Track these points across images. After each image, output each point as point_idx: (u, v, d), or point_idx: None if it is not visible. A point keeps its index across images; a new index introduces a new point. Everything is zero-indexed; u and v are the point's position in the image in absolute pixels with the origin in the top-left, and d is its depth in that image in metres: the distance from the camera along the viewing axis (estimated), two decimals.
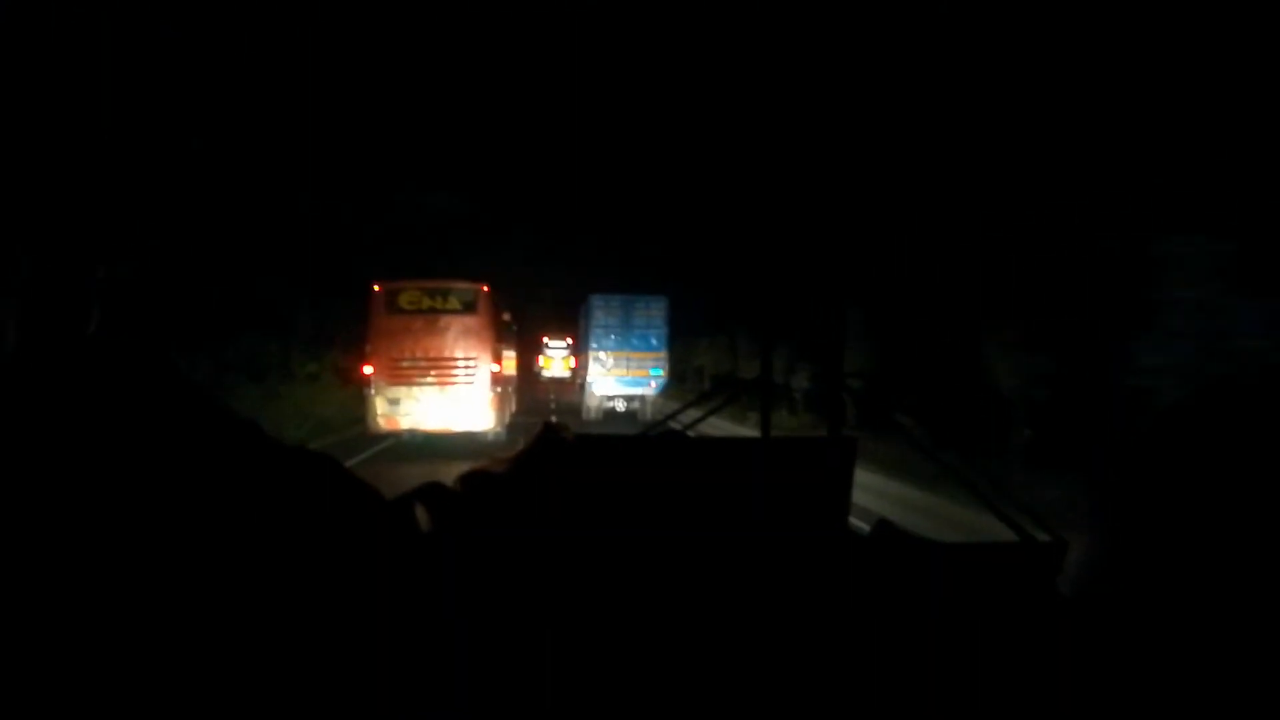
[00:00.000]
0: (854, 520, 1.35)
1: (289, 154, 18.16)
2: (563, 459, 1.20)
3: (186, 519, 0.84)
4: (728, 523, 1.24)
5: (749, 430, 12.62)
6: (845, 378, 1.82)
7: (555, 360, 44.18)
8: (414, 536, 1.11)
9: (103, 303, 0.93)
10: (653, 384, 25.42)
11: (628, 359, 24.98)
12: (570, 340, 46.59)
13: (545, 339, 44.46)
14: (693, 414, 1.99)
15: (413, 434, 14.98)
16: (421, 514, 1.14)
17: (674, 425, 1.57)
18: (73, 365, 0.91)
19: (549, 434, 1.22)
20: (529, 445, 1.21)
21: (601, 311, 25.36)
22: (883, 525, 1.26)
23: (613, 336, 24.92)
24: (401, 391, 14.97)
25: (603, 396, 25.11)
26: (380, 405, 15.06)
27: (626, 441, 1.42)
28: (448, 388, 15.10)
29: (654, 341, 25.16)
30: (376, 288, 15.52)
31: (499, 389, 15.93)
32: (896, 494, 10.31)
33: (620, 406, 25.35)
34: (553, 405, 29.36)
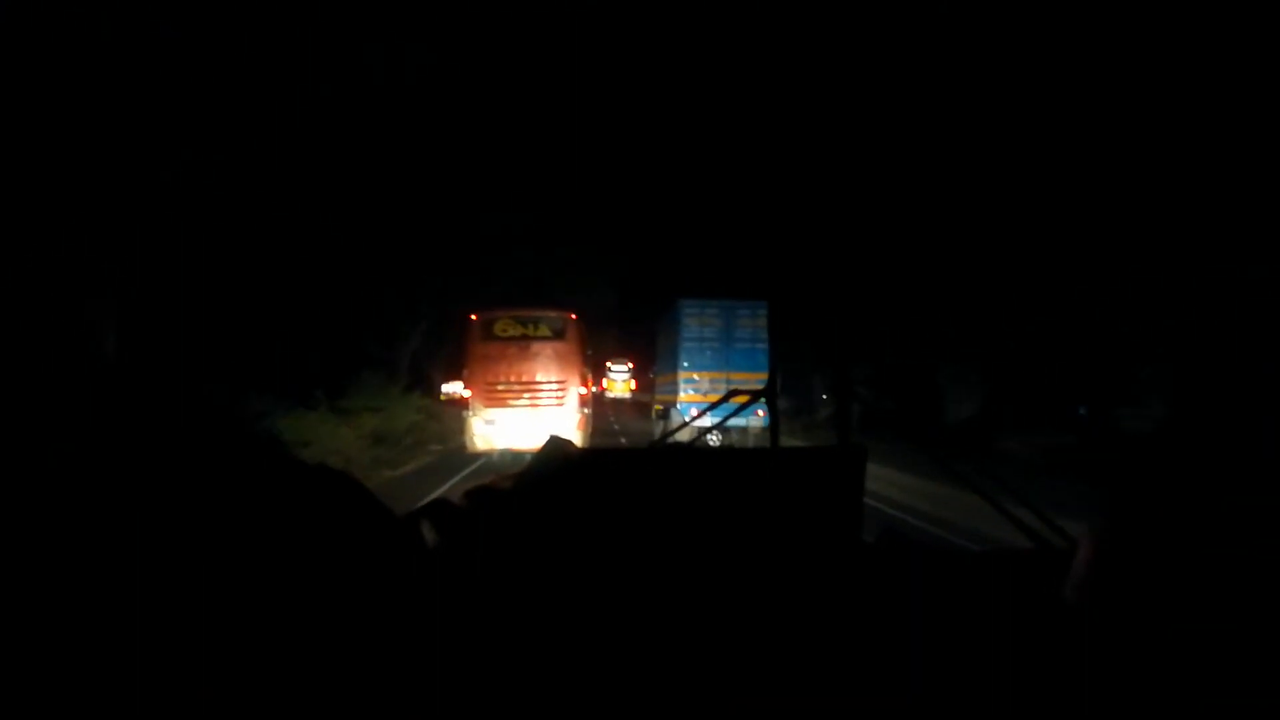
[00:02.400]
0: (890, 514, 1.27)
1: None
2: (569, 474, 1.15)
3: (208, 528, 0.82)
4: (737, 534, 1.18)
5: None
6: (855, 385, 1.73)
7: (618, 382, 44.39)
8: (419, 551, 1.08)
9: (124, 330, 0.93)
10: (760, 413, 17.30)
11: (727, 380, 18.17)
12: (631, 364, 45.94)
13: (609, 363, 44.61)
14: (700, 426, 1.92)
15: (504, 453, 15.16)
16: (428, 529, 1.10)
17: (679, 439, 1.51)
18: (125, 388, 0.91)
19: (554, 448, 1.17)
20: (535, 460, 1.16)
21: (695, 320, 18.97)
22: (889, 533, 1.18)
23: (708, 352, 18.72)
24: (497, 413, 15.22)
25: (697, 428, 19.03)
26: (477, 426, 15.36)
27: (631, 455, 1.36)
28: (539, 409, 15.29)
29: (759, 358, 18.43)
30: (473, 316, 15.92)
31: (585, 409, 16.10)
32: (923, 489, 10.28)
33: (714, 440, 17.78)
34: (615, 427, 27.45)
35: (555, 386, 15.44)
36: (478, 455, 15.65)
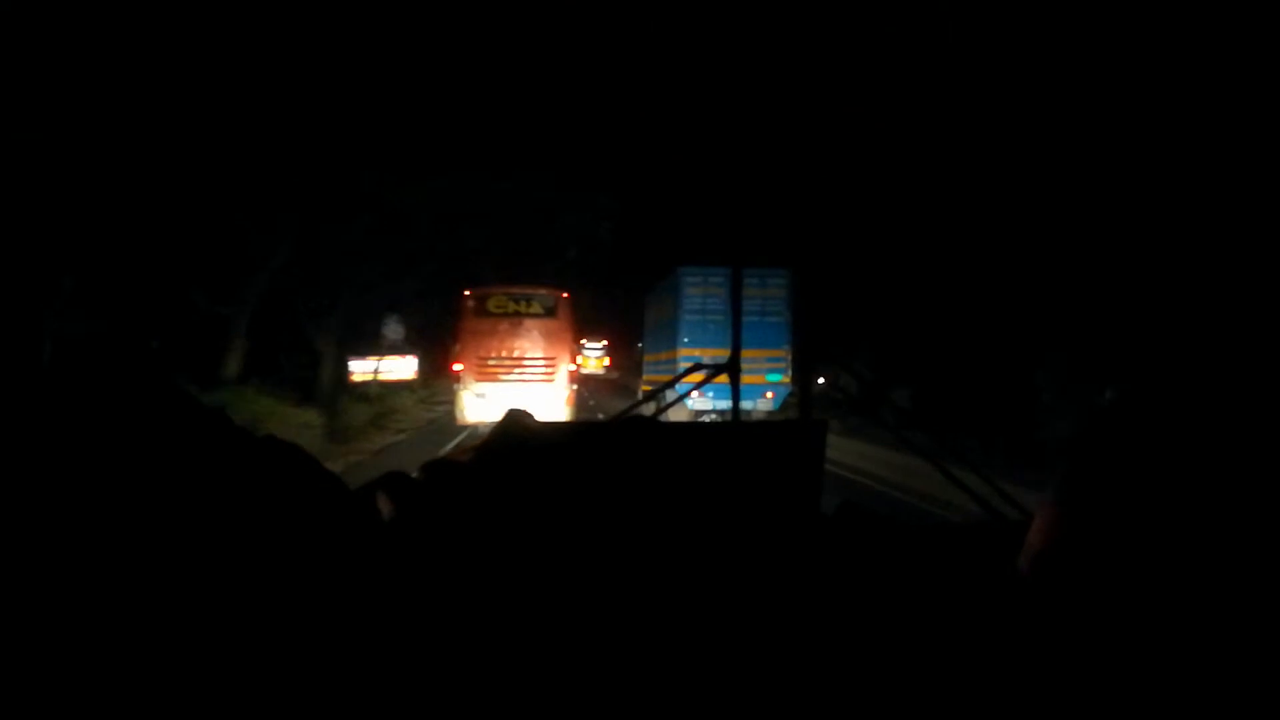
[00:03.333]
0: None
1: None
2: (528, 446, 1.12)
3: (154, 503, 0.79)
4: (696, 507, 1.14)
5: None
6: (820, 361, 1.70)
7: (591, 359, 44.72)
8: (375, 525, 1.05)
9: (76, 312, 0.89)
10: (769, 394, 16.09)
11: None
12: (606, 341, 44.99)
13: (582, 339, 44.62)
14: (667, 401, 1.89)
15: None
16: (384, 503, 1.07)
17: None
18: (73, 371, 0.87)
19: (512, 421, 1.13)
20: (492, 434, 1.12)
21: (697, 291, 16.17)
22: (846, 506, 1.15)
23: (712, 327, 15.79)
24: (488, 387, 15.30)
25: (693, 412, 14.94)
26: (468, 399, 15.39)
27: (591, 428, 1.32)
28: (530, 384, 15.37)
29: (773, 334, 15.73)
30: (466, 293, 15.94)
31: (574, 385, 16.24)
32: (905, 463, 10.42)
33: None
34: (592, 404, 25.49)
35: (546, 362, 15.50)
36: (464, 426, 15.69)
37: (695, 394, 11.12)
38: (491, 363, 15.42)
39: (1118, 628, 0.59)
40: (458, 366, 15.73)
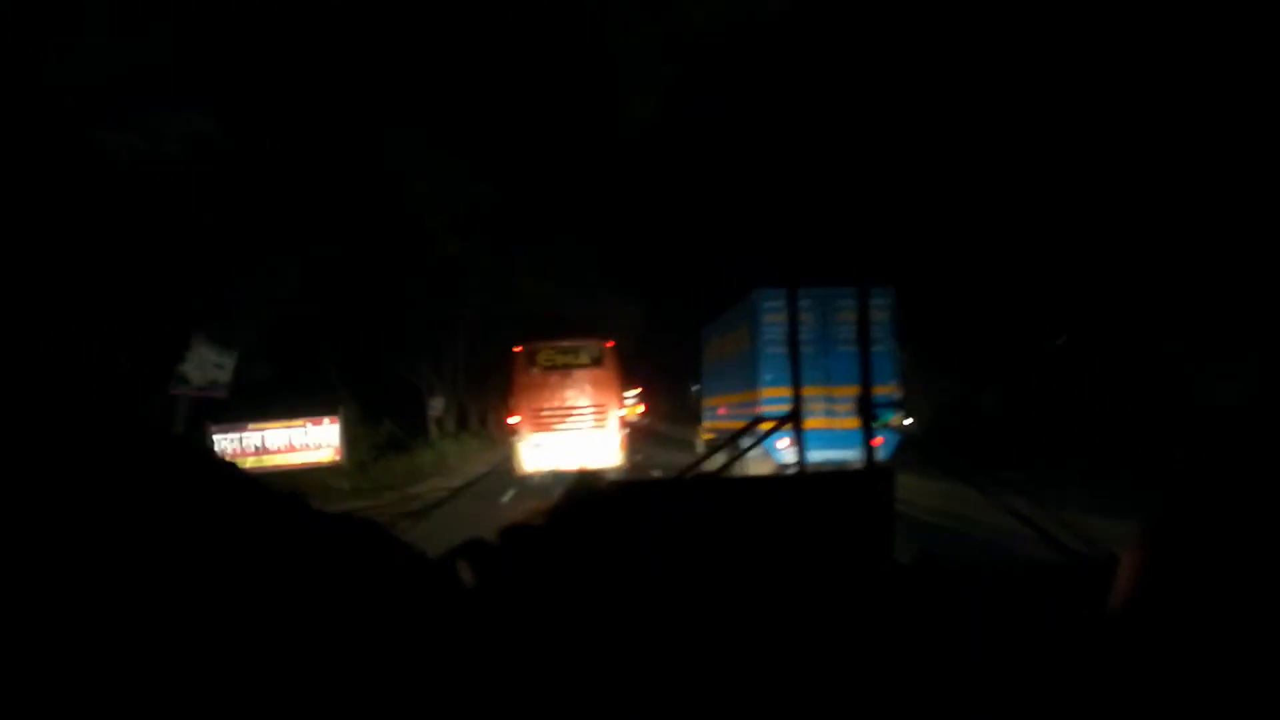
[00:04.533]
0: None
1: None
2: (599, 509, 1.09)
3: (234, 594, 0.77)
4: (769, 561, 1.11)
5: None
6: (881, 406, 1.65)
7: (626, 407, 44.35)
8: (458, 592, 1.03)
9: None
10: (878, 441, 10.03)
11: (829, 398, 11.75)
12: (639, 389, 43.76)
13: None
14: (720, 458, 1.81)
15: (555, 475, 15.17)
16: (465, 570, 1.05)
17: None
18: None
19: (583, 484, 1.11)
20: (564, 496, 1.10)
21: (777, 317, 12.85)
22: (925, 556, 1.10)
23: (801, 361, 11.76)
24: (544, 438, 15.40)
25: (779, 466, 11.47)
26: (526, 450, 15.55)
27: (659, 486, 1.29)
28: (584, 432, 15.40)
29: (877, 367, 11.40)
30: (517, 349, 16.18)
31: (624, 431, 16.21)
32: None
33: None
34: (638, 457, 21.83)
35: (596, 410, 15.57)
36: (517, 477, 15.83)
37: (783, 443, 8.93)
38: (545, 414, 15.54)
39: (1212, 678, 0.53)
40: (513, 420, 15.89)
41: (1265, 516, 0.53)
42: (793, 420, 1.61)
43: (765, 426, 1.63)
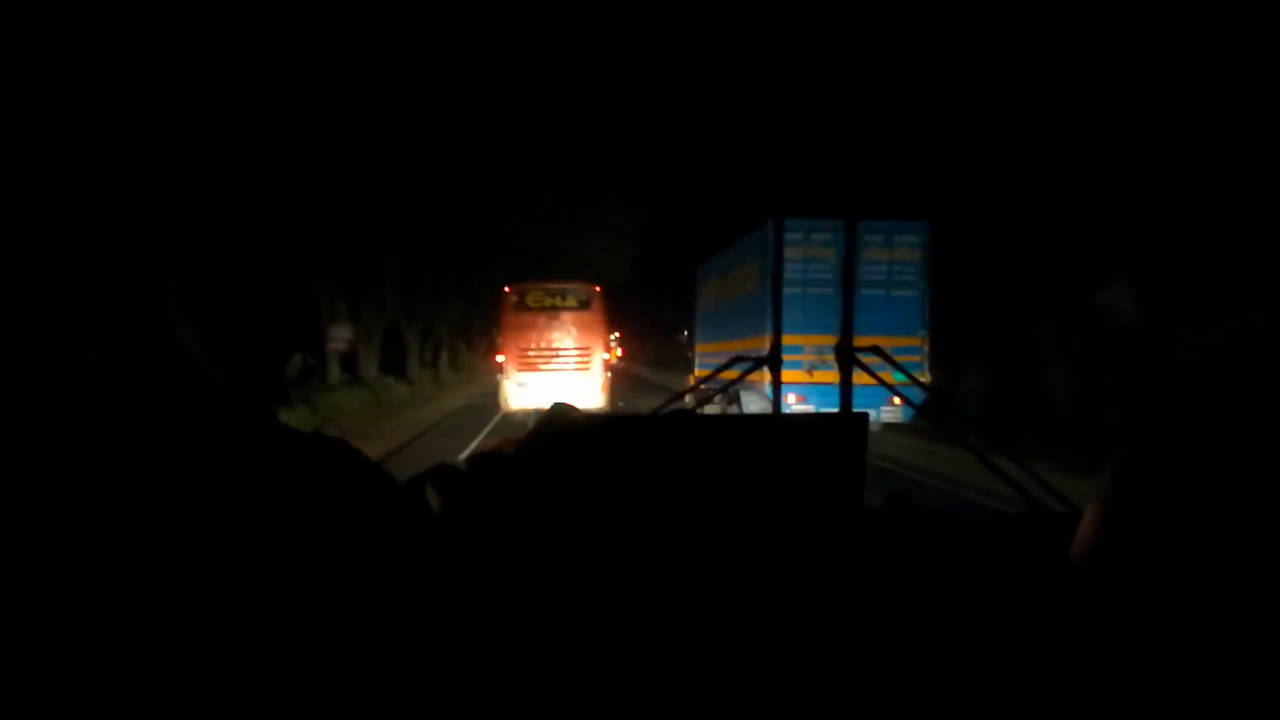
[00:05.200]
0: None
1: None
2: (572, 440, 1.06)
3: (205, 501, 0.74)
4: (740, 500, 1.08)
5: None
6: (858, 351, 1.61)
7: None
8: (425, 517, 1.00)
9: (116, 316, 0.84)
10: (897, 400, 7.29)
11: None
12: (617, 333, 42.72)
13: None
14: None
15: (538, 411, 15.24)
16: (433, 495, 1.02)
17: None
18: (116, 373, 0.82)
19: (556, 416, 1.08)
20: (537, 427, 1.07)
21: (796, 252, 10.61)
22: (894, 498, 1.08)
23: (815, 304, 10.13)
24: (529, 376, 15.49)
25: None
26: (510, 388, 15.60)
27: (635, 421, 1.26)
28: (568, 373, 15.50)
29: (904, 314, 10.62)
30: (506, 289, 16.16)
31: (608, 374, 16.29)
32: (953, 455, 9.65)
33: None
34: (621, 405, 20.59)
35: (582, 352, 15.66)
36: (495, 411, 15.99)
37: (794, 399, 8.65)
38: (531, 354, 15.63)
39: (1169, 627, 0.53)
40: (500, 358, 15.97)
41: (1217, 473, 0.52)
42: (770, 366, 1.56)
43: (730, 375, 1.58)
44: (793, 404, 9.84)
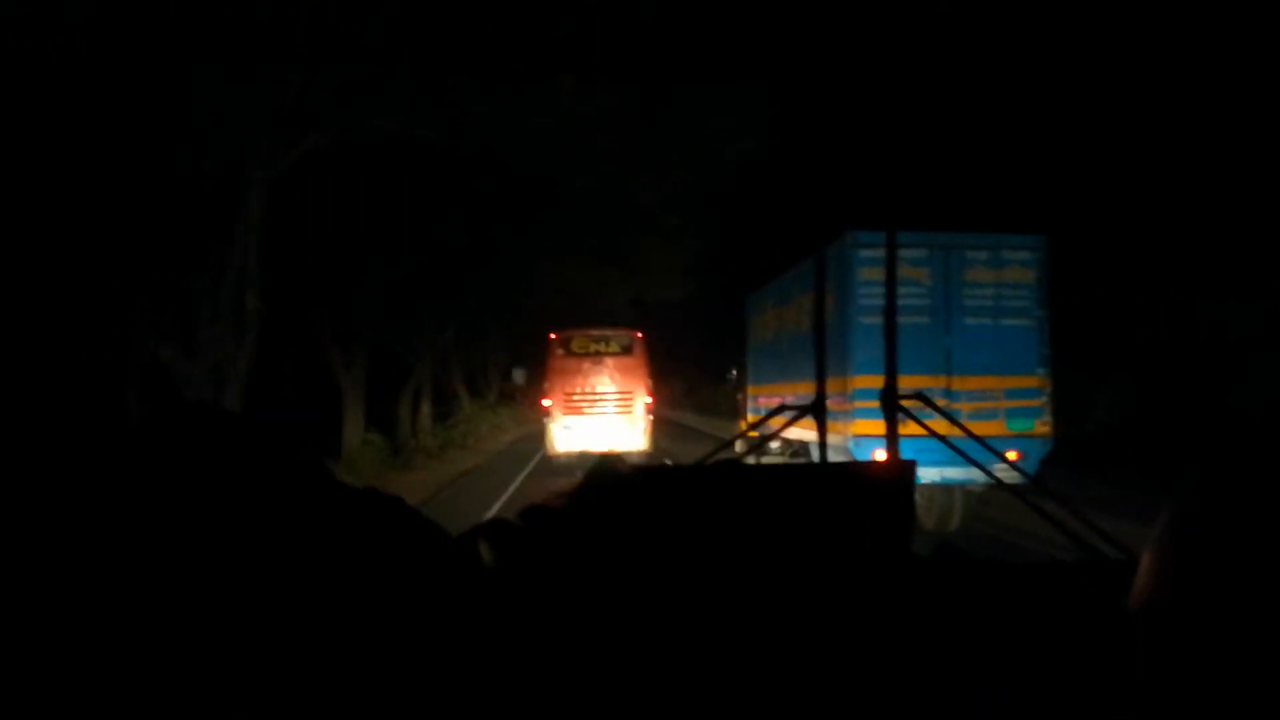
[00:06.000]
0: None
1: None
2: (620, 492, 1.05)
3: (255, 561, 0.74)
4: (790, 552, 1.06)
5: None
6: (902, 396, 1.57)
7: None
8: (478, 571, 0.99)
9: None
10: (1012, 454, 6.87)
11: (949, 391, 7.86)
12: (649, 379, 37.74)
13: None
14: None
15: (584, 455, 15.24)
16: (485, 550, 1.01)
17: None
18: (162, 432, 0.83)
19: (605, 468, 1.07)
20: (585, 479, 1.06)
21: (875, 273, 7.93)
22: (944, 549, 1.05)
23: (911, 336, 7.25)
24: (574, 420, 15.59)
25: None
26: (557, 431, 15.78)
27: (683, 472, 1.25)
28: (612, 416, 15.60)
29: (1017, 348, 8.31)
30: (552, 335, 16.40)
31: (650, 416, 16.42)
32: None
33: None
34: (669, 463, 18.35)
35: (624, 396, 15.76)
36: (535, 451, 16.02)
37: (879, 455, 5.43)
38: (576, 398, 15.71)
39: (1230, 681, 0.49)
40: (546, 402, 16.08)
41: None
42: (815, 414, 1.53)
43: (778, 422, 1.55)
44: (878, 456, 7.33)
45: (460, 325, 22.30)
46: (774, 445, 9.77)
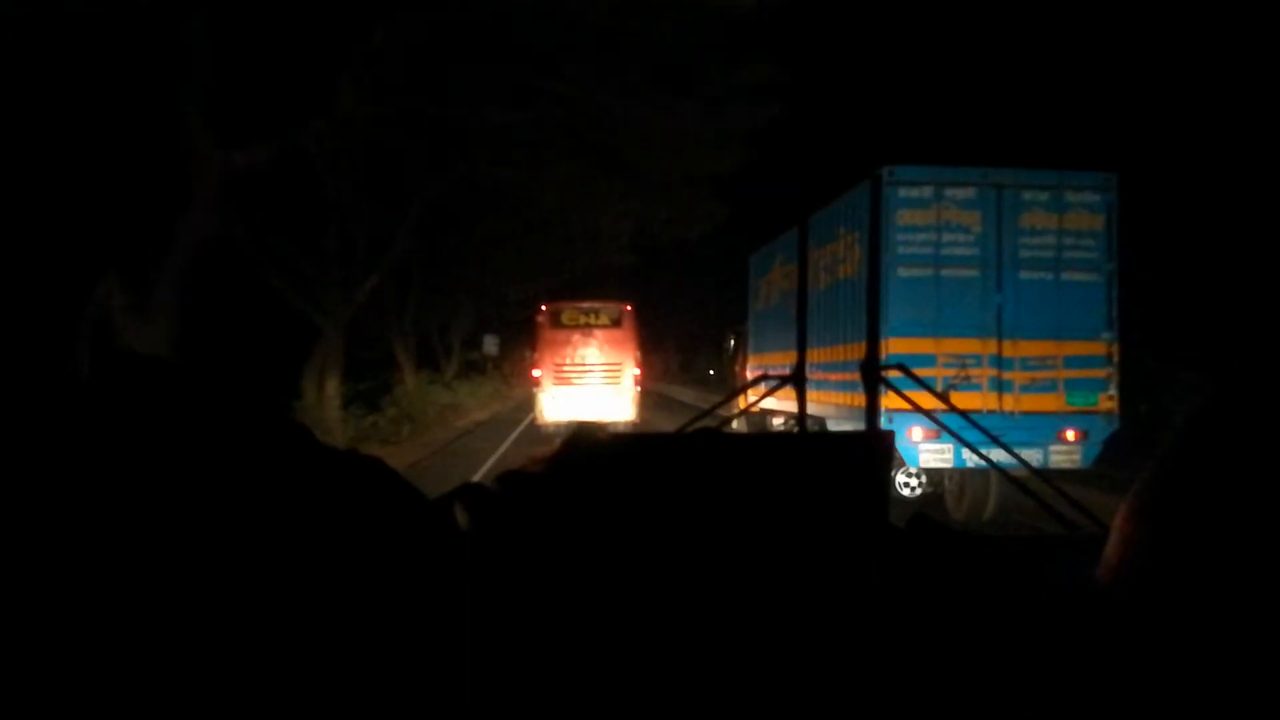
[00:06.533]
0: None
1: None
2: (598, 459, 1.03)
3: (229, 516, 0.72)
4: (765, 520, 1.05)
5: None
6: (884, 367, 1.53)
7: None
8: (453, 535, 0.98)
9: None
10: (1071, 434, 6.45)
11: (999, 358, 6.58)
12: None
13: None
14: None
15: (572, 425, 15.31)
16: (461, 514, 0.99)
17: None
18: (122, 384, 0.80)
19: (583, 435, 1.05)
20: (562, 446, 1.04)
21: (918, 215, 6.70)
22: (919, 519, 1.04)
23: (953, 292, 6.64)
24: (563, 390, 15.72)
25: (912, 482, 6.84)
26: (546, 401, 15.94)
27: (660, 440, 1.23)
28: (600, 387, 15.75)
29: (1081, 307, 6.62)
30: (543, 307, 16.47)
31: (638, 388, 16.50)
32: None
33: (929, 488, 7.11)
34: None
35: (613, 368, 15.86)
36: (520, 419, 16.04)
37: (921, 435, 4.59)
38: (566, 369, 15.79)
39: (1198, 652, 0.49)
40: (536, 373, 16.19)
41: (1242, 494, 0.47)
42: (795, 384, 1.49)
43: (758, 392, 1.53)
44: (919, 442, 6.02)
45: (397, 269, 16.08)
46: (776, 421, 8.80)
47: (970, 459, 5.78)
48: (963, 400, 5.66)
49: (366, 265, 14.01)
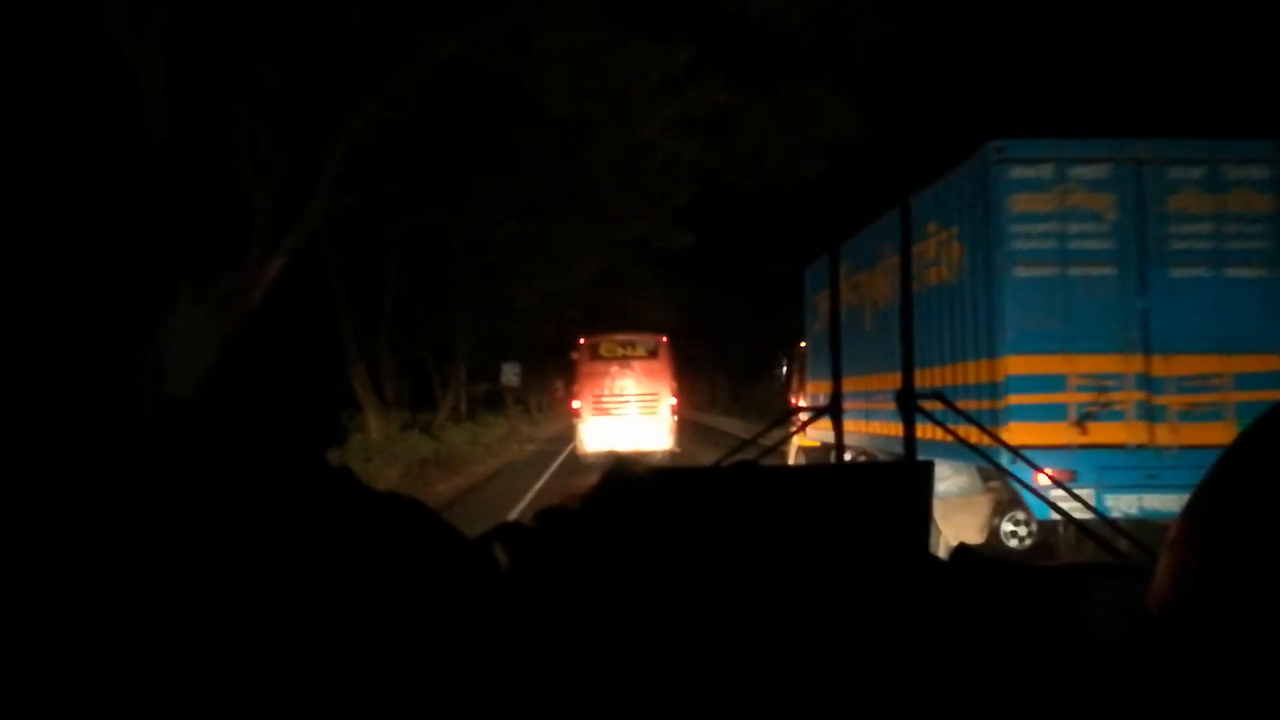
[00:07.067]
0: None
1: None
2: (635, 495, 1.02)
3: (280, 560, 0.72)
4: (805, 555, 1.03)
5: None
6: (920, 396, 1.49)
7: None
8: (493, 575, 0.97)
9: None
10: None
11: (1147, 379, 4.76)
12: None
13: None
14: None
15: (612, 455, 15.33)
16: (500, 553, 0.99)
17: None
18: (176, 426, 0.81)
19: (620, 470, 1.04)
20: (600, 482, 1.04)
21: (1040, 201, 4.94)
22: (961, 550, 1.01)
23: (1080, 296, 4.86)
24: (603, 421, 15.82)
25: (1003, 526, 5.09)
26: (586, 431, 16.03)
27: (698, 474, 1.22)
28: (638, 417, 15.84)
29: (1247, 311, 4.77)
30: (581, 340, 16.70)
31: (674, 417, 16.59)
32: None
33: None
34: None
35: (650, 398, 15.99)
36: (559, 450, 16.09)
37: (1048, 480, 3.52)
38: (605, 400, 15.92)
39: (1246, 682, 0.46)
40: (576, 404, 16.30)
41: None
42: (832, 415, 1.47)
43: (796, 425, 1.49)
44: (1047, 486, 4.15)
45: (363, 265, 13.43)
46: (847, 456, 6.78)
47: (1116, 507, 4.52)
48: (1102, 433, 4.78)
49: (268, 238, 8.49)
